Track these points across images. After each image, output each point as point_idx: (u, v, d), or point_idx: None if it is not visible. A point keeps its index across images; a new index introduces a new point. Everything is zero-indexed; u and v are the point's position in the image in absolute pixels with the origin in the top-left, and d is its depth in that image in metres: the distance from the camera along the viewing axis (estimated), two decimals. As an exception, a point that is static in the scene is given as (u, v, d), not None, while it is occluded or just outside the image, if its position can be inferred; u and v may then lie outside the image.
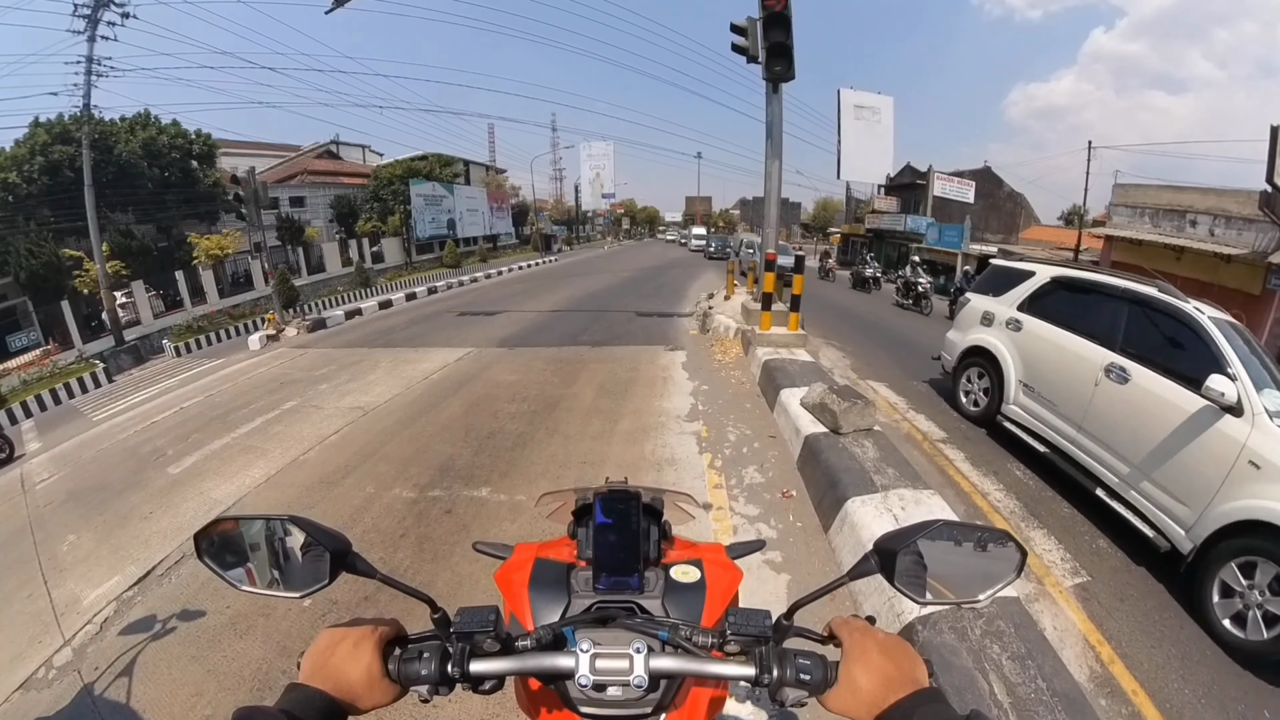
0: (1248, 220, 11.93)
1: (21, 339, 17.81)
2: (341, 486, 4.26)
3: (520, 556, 0.91)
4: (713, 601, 0.81)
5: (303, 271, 25.20)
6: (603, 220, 61.97)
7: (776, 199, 7.92)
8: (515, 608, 0.81)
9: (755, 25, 7.17)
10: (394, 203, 31.58)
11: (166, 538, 3.77)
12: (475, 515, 3.74)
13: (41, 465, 6.40)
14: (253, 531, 0.72)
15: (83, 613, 3.08)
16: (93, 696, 2.46)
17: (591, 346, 8.72)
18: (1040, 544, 4.03)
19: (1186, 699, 2.74)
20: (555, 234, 45.90)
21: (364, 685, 0.61)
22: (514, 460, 4.56)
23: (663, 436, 4.95)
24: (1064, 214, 36.19)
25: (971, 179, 27.85)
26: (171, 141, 21.56)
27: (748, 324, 8.34)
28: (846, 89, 24.83)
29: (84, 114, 16.61)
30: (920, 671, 0.62)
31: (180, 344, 16.01)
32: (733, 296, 11.40)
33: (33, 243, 17.46)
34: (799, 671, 0.63)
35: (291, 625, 2.75)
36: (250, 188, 13.01)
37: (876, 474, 3.55)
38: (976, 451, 5.53)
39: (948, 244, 24.30)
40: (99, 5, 15.69)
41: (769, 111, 7.60)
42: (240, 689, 2.42)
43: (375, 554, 3.30)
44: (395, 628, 0.68)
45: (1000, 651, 2.18)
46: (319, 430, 5.49)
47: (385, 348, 9.51)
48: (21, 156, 18.68)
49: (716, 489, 4.02)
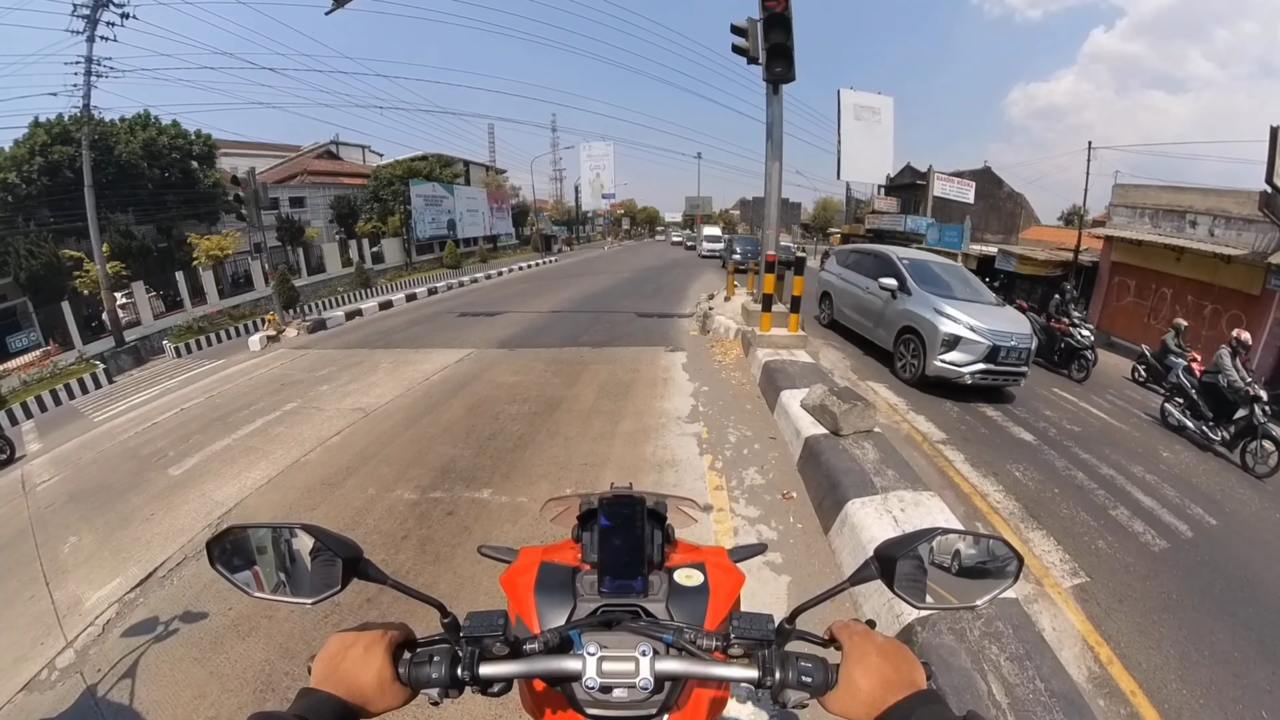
0: (1247, 221, 11.92)
1: (21, 340, 17.80)
2: (343, 488, 4.27)
3: (525, 560, 0.92)
4: (716, 604, 0.82)
5: (303, 272, 25.20)
6: (603, 221, 61.95)
7: (777, 199, 7.93)
8: (521, 611, 0.82)
9: (755, 26, 7.18)
10: (394, 203, 31.56)
11: (168, 539, 3.78)
12: (477, 517, 3.75)
13: (42, 466, 6.40)
14: (264, 539, 0.73)
15: (85, 614, 3.08)
16: (95, 698, 2.47)
17: (592, 347, 8.73)
18: (1039, 545, 4.04)
19: (1185, 699, 2.75)
20: (555, 234, 45.85)
21: (375, 689, 0.62)
22: (515, 462, 4.57)
23: (663, 438, 4.97)
24: (1064, 214, 36.16)
25: (971, 179, 27.82)
26: (171, 142, 21.53)
27: (748, 325, 8.35)
28: (847, 89, 24.82)
29: (84, 114, 16.61)
30: (919, 674, 0.63)
31: (180, 345, 16.01)
32: (733, 297, 11.41)
33: (33, 243, 17.45)
34: (800, 674, 0.65)
35: (294, 627, 2.76)
36: (250, 188, 13.02)
37: (876, 476, 3.56)
38: (976, 453, 5.55)
39: (948, 244, 24.27)
40: (98, 5, 15.69)
41: (769, 112, 7.61)
42: (243, 691, 2.43)
43: (378, 556, 3.30)
44: (404, 632, 0.70)
45: (999, 652, 2.19)
46: (320, 432, 5.50)
47: (386, 349, 9.51)
48: (21, 157, 18.66)
49: (717, 490, 4.03)
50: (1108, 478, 5.43)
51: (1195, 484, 5.70)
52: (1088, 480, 5.30)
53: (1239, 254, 11.76)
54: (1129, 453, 6.29)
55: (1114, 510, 4.76)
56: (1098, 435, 6.79)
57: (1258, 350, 11.34)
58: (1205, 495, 5.42)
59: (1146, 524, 4.59)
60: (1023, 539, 4.09)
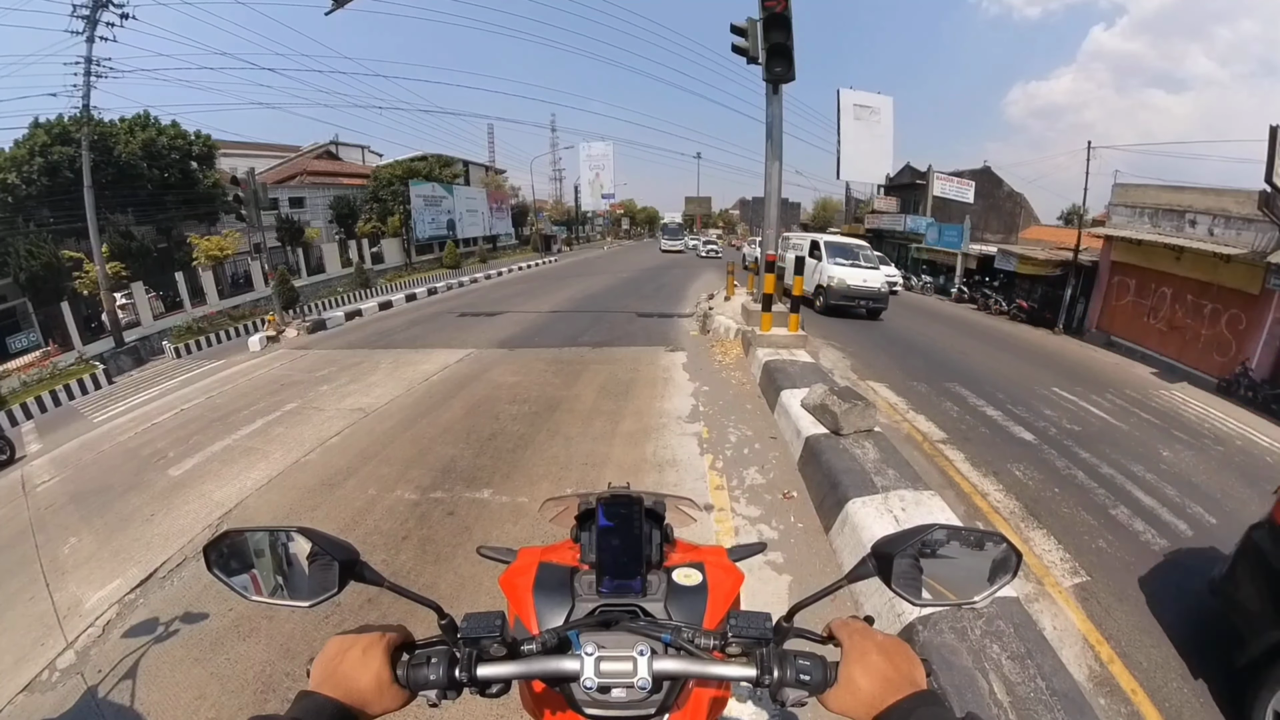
0: (1247, 220, 11.91)
1: (21, 340, 17.77)
2: (343, 488, 4.27)
3: (524, 561, 0.92)
4: (715, 604, 0.82)
5: (302, 272, 25.16)
6: (602, 221, 61.91)
7: (777, 199, 7.93)
8: (520, 611, 0.82)
9: (755, 26, 7.18)
10: (394, 203, 31.53)
11: (168, 540, 3.78)
12: (477, 517, 3.75)
13: (42, 467, 6.40)
14: (261, 542, 0.72)
15: (85, 615, 3.09)
16: (96, 699, 2.47)
17: (592, 347, 8.73)
18: (1040, 544, 4.04)
19: (1185, 698, 2.75)
20: (555, 234, 45.84)
21: (374, 691, 0.62)
22: (516, 462, 4.57)
23: (664, 438, 4.97)
24: (1064, 213, 36.09)
25: (971, 179, 27.80)
26: (171, 142, 21.49)
27: (748, 325, 8.35)
28: (846, 89, 24.85)
29: (83, 115, 16.58)
30: (918, 672, 0.63)
31: (180, 345, 16.00)
32: (733, 297, 11.41)
33: (32, 244, 17.41)
34: (799, 672, 0.64)
35: (294, 628, 2.76)
36: (250, 189, 13.02)
37: (877, 475, 3.56)
38: (976, 452, 5.55)
39: (947, 244, 24.27)
40: (98, 6, 15.67)
41: (769, 112, 7.61)
42: (244, 691, 2.43)
43: (378, 556, 3.31)
44: (403, 634, 0.69)
45: (1000, 651, 2.19)
46: (320, 432, 5.50)
47: (386, 349, 9.52)
48: (21, 157, 18.64)
49: (718, 490, 4.03)
50: (1108, 477, 5.43)
51: (1195, 483, 5.70)
52: (1088, 479, 5.30)
53: (1239, 253, 11.74)
54: (1129, 452, 6.28)
55: (1114, 509, 4.76)
56: (1098, 434, 6.78)
57: (1257, 350, 11.34)
58: (1205, 494, 5.41)
59: (1147, 523, 4.59)
60: (1023, 538, 4.09)
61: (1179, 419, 8.43)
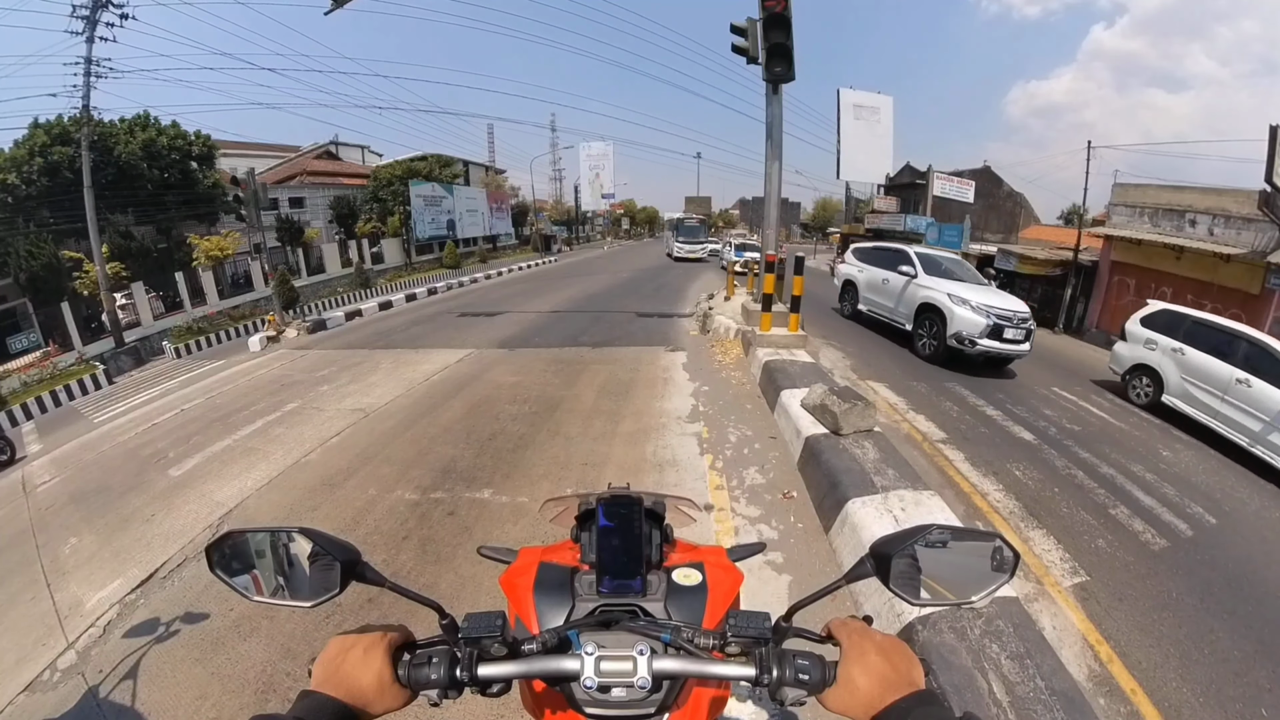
0: (1247, 220, 11.93)
1: (21, 340, 17.77)
2: (344, 489, 4.27)
3: (524, 561, 0.92)
4: (714, 603, 0.82)
5: (302, 272, 25.16)
6: (602, 220, 61.89)
7: (777, 199, 7.92)
8: (520, 611, 0.83)
9: (755, 26, 7.18)
10: (394, 203, 31.53)
11: (169, 540, 3.78)
12: (478, 517, 3.76)
13: (43, 467, 6.40)
14: (263, 543, 0.73)
15: (86, 615, 3.09)
16: (97, 699, 2.47)
17: (592, 347, 8.73)
18: (1039, 544, 4.05)
19: (1185, 697, 2.76)
20: (555, 234, 45.84)
21: (375, 691, 0.63)
22: (516, 462, 4.57)
23: (664, 438, 4.97)
24: (1064, 213, 36.11)
25: (971, 179, 27.78)
26: (171, 143, 21.48)
27: (748, 325, 8.35)
28: (846, 88, 24.79)
29: (83, 115, 16.58)
30: (917, 672, 0.63)
31: (180, 345, 16.02)
32: (733, 297, 11.42)
33: (32, 244, 17.41)
34: (798, 672, 0.65)
35: (295, 628, 2.76)
36: (250, 189, 13.03)
37: (877, 475, 3.56)
38: (976, 452, 5.55)
39: (947, 244, 24.21)
40: (97, 6, 15.68)
41: (769, 112, 7.61)
42: (245, 691, 2.43)
43: (379, 556, 3.31)
44: (404, 634, 0.70)
45: (999, 651, 2.19)
46: (320, 432, 5.50)
47: (386, 349, 9.51)
48: (21, 158, 18.63)
49: (718, 490, 4.03)
50: (1107, 476, 5.43)
51: (1195, 483, 5.70)
52: (1087, 479, 5.30)
53: (1238, 253, 11.76)
54: (1129, 452, 6.29)
55: (1114, 509, 4.76)
56: (1097, 434, 6.79)
57: (1258, 349, 11.32)
58: (1205, 494, 5.42)
59: (1146, 523, 4.60)
60: (1023, 538, 4.09)
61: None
